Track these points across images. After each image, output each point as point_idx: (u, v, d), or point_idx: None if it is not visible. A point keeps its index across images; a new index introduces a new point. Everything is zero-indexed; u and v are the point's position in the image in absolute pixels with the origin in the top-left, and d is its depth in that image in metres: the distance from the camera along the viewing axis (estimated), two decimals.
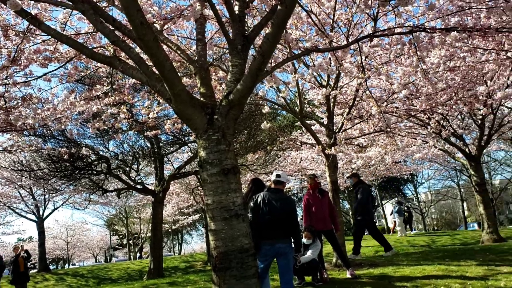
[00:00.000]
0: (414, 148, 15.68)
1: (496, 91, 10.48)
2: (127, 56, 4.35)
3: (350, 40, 5.70)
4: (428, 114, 11.63)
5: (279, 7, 3.59)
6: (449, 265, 8.02)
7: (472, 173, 13.41)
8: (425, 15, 5.84)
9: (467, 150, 13.19)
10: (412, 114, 9.59)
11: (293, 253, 5.67)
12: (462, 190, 43.72)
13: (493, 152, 28.63)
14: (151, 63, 4.18)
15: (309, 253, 7.28)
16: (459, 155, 14.07)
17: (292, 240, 5.59)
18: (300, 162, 20.43)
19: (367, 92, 9.13)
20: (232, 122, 4.17)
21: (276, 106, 8.97)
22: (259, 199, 5.54)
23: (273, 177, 5.82)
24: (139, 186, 14.34)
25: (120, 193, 15.35)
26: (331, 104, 9.03)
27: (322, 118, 10.19)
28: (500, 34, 5.32)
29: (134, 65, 4.22)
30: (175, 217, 31.92)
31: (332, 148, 8.73)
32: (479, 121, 12.87)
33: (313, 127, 11.15)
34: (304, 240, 7.40)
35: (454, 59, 8.63)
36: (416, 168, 29.98)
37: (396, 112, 9.89)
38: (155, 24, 5.13)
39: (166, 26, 5.33)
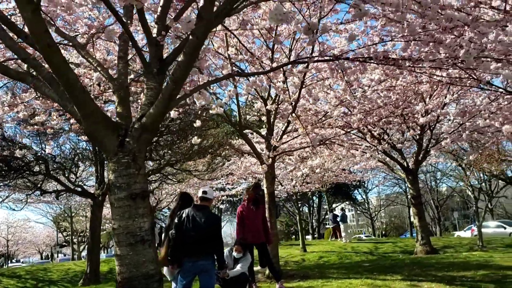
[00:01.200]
0: (358, 158, 16.09)
1: (434, 109, 10.92)
2: None
3: (274, 65, 5.78)
4: (367, 128, 11.97)
5: (190, 36, 3.60)
6: (376, 279, 8.29)
7: (409, 186, 13.93)
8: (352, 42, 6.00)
9: (405, 163, 13.66)
10: (348, 131, 9.84)
11: (216, 270, 5.72)
12: (409, 196, 45.22)
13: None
14: None
15: (238, 267, 7.33)
16: (399, 167, 14.55)
17: (215, 257, 5.64)
18: (249, 166, 20.57)
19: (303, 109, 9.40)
20: (144, 145, 4.15)
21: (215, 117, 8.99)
22: (184, 215, 5.54)
23: (199, 193, 5.83)
24: (78, 189, 14.02)
25: (59, 194, 14.95)
26: (271, 117, 9.14)
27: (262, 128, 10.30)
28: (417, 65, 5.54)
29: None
30: None
31: (270, 159, 8.85)
32: (417, 136, 13.36)
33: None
34: (234, 253, 7.46)
35: (389, 79, 8.93)
36: (363, 176, 30.73)
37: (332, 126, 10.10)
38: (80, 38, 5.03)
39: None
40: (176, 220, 5.55)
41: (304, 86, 8.09)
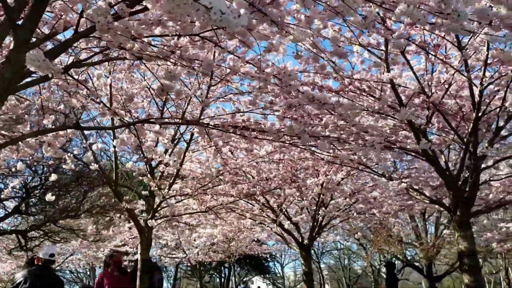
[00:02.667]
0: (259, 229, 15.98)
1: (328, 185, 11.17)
2: None
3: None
4: (264, 199, 11.99)
5: None
6: None
7: (302, 262, 13.87)
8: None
9: (300, 238, 13.65)
10: (237, 199, 9.75)
11: None
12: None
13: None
14: None
15: None
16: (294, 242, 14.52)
17: None
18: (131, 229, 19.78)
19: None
20: None
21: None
22: (21, 280, 5.00)
23: (43, 255, 5.35)
24: None
25: None
26: (154, 176, 8.84)
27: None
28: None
29: None
30: None
31: (149, 221, 8.43)
32: (313, 212, 13.51)
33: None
34: None
35: (277, 152, 9.09)
36: (279, 247, 30.53)
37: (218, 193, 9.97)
38: None
39: None
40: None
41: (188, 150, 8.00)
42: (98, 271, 33.29)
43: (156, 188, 6.51)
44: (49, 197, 7.26)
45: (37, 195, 10.87)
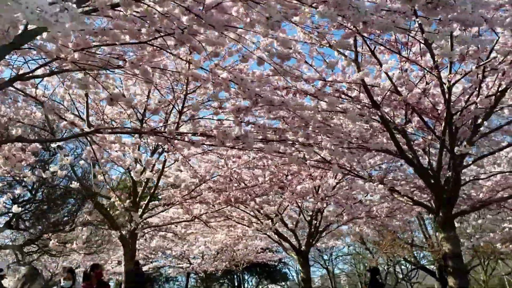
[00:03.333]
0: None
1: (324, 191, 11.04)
2: None
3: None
4: (259, 206, 11.89)
5: None
6: None
7: (300, 268, 13.69)
8: None
9: (297, 245, 13.49)
10: (223, 206, 9.67)
11: None
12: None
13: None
14: None
15: None
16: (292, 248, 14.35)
17: None
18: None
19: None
20: None
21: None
22: None
23: None
24: None
25: None
26: (137, 187, 8.83)
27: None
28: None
29: None
30: None
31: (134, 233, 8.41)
32: (309, 218, 13.35)
33: None
34: None
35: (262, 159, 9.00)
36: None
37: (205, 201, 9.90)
38: None
39: None
40: None
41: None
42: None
43: (117, 200, 6.44)
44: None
45: (29, 209, 10.91)
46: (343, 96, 7.18)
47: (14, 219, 10.27)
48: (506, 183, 8.36)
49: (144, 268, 22.99)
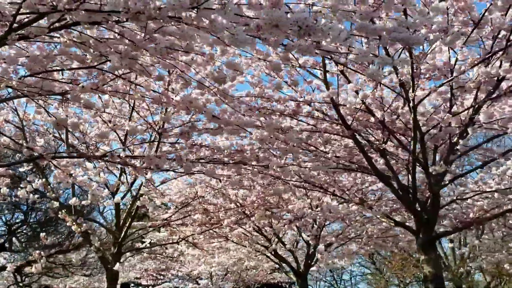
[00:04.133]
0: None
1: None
2: None
3: None
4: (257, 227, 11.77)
5: None
6: None
7: None
8: None
9: (295, 266, 13.25)
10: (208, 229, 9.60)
11: None
12: None
13: None
14: None
15: None
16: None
17: None
18: None
19: None
20: None
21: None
22: None
23: None
24: None
25: None
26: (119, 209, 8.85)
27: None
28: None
29: None
30: None
31: (117, 267, 8.39)
32: (308, 238, 13.12)
33: None
34: None
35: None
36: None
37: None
38: None
39: None
40: None
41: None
42: None
43: (73, 225, 6.45)
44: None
45: (23, 231, 11.05)
46: (321, 115, 7.12)
47: (8, 242, 10.41)
48: (495, 203, 8.06)
49: None
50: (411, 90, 5.55)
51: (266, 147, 5.77)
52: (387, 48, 5.58)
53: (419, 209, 7.05)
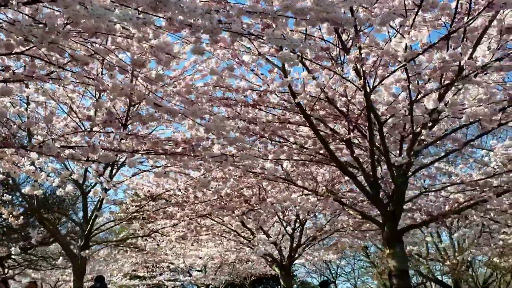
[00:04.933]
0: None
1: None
2: None
3: None
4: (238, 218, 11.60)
5: None
6: None
7: (282, 283, 13.22)
8: None
9: (279, 259, 13.06)
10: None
11: None
12: None
13: None
14: None
15: None
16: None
17: None
18: None
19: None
20: None
21: None
22: None
23: None
24: None
25: None
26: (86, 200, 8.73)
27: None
28: None
29: None
30: None
31: (82, 252, 8.27)
32: (291, 231, 12.92)
33: None
34: None
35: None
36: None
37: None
38: None
39: None
40: None
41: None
42: None
43: (10, 216, 6.31)
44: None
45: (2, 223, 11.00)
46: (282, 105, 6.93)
47: None
48: (471, 196, 7.78)
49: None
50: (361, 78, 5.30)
51: (216, 138, 5.55)
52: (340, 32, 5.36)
53: (386, 202, 6.86)
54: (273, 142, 7.60)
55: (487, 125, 5.55)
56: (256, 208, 10.34)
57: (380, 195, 6.97)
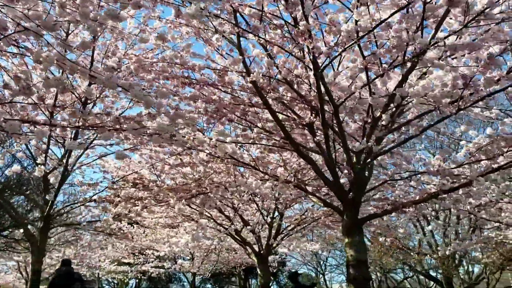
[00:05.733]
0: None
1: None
2: None
3: None
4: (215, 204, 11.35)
5: None
6: None
7: (259, 272, 12.97)
8: None
9: (256, 248, 12.81)
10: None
11: None
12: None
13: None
14: None
15: None
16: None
17: None
18: None
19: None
20: None
21: None
22: None
23: None
24: None
25: None
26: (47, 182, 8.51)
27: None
28: None
29: None
30: None
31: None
32: (269, 219, 12.69)
33: None
34: None
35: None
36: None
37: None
38: None
39: None
40: None
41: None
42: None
43: None
44: None
45: None
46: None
47: None
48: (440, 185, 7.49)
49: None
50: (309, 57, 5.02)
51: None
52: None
53: (347, 189, 6.60)
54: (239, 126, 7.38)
55: (445, 110, 5.24)
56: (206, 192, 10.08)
57: (343, 182, 6.73)
